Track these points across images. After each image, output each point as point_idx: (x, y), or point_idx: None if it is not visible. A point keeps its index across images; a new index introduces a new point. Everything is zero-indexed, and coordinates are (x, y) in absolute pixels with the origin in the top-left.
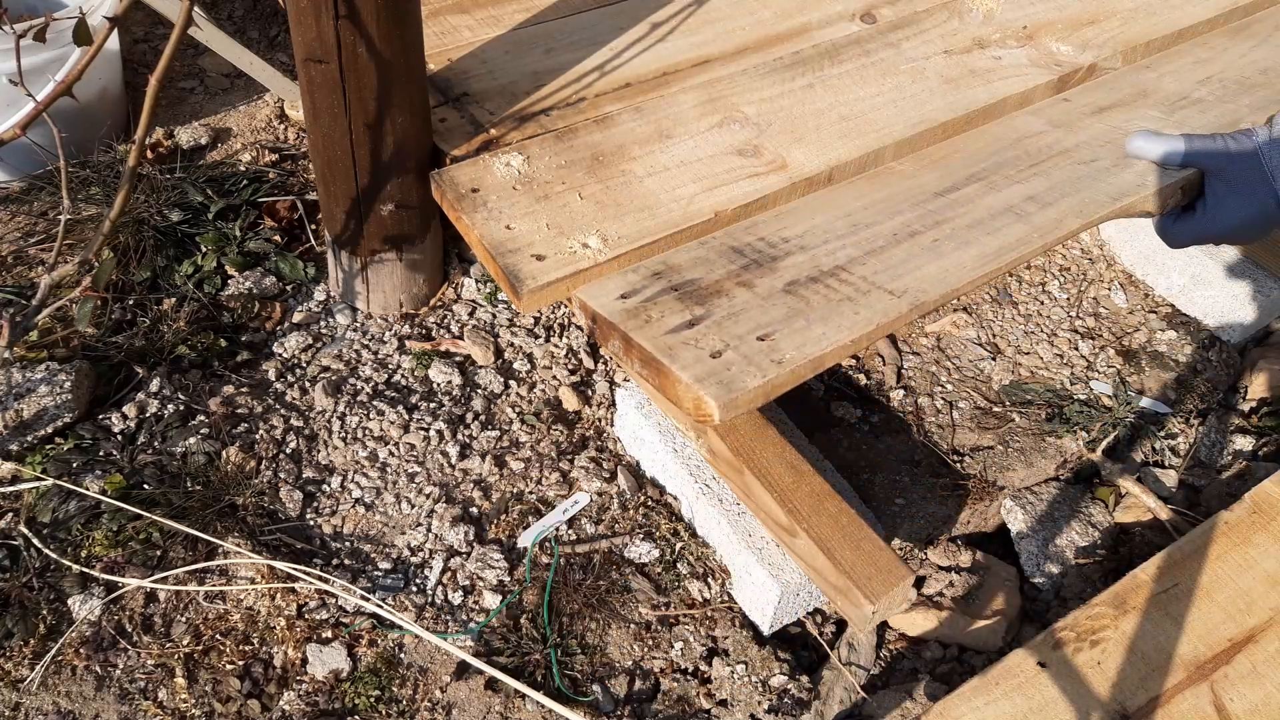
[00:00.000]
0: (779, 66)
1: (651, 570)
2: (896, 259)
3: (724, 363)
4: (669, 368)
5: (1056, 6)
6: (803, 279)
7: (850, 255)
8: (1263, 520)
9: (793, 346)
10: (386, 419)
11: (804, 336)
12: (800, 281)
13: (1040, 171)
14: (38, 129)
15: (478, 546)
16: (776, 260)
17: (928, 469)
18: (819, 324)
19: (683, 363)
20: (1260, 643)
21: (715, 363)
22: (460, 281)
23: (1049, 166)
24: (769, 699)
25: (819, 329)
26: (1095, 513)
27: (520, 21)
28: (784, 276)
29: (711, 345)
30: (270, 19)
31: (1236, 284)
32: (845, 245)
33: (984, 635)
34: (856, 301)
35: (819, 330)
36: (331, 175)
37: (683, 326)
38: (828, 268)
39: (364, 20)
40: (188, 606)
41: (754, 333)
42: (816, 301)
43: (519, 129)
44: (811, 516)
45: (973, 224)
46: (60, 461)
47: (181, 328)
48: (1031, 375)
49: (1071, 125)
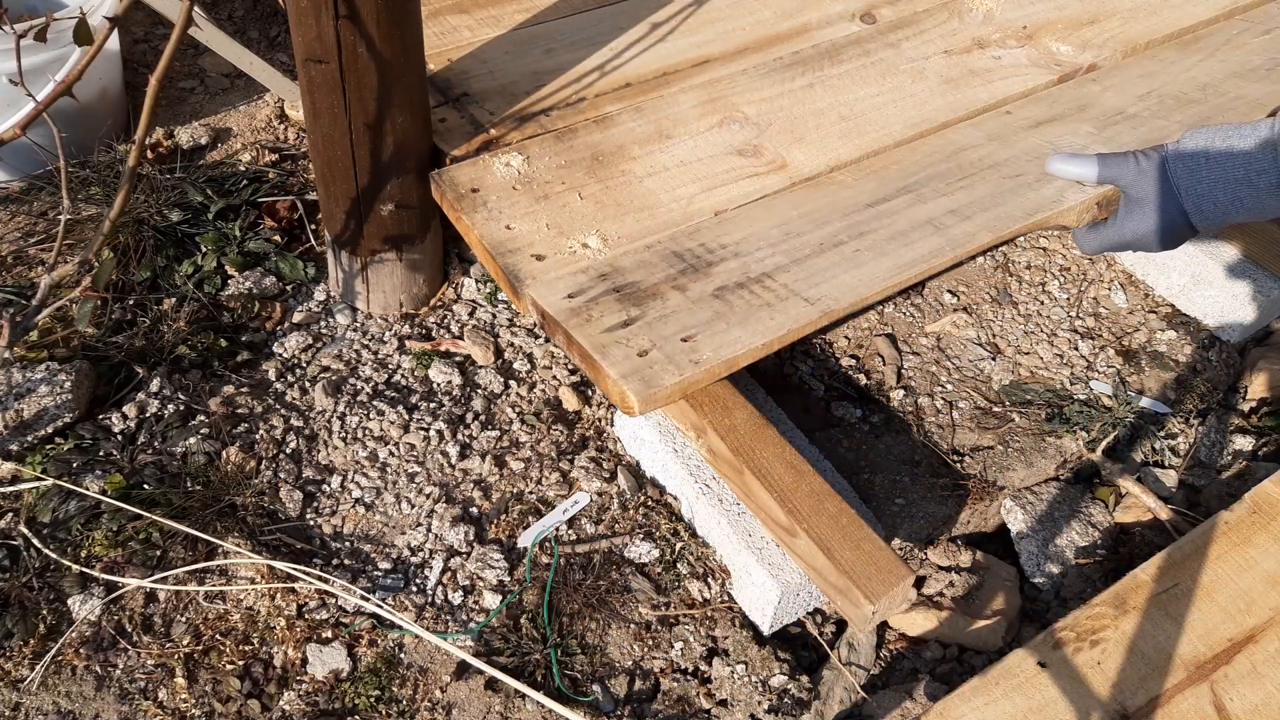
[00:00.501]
0: (779, 66)
1: (651, 570)
2: (818, 268)
3: (648, 361)
4: (600, 364)
5: (1056, 6)
6: (731, 285)
7: (778, 263)
8: (1263, 520)
9: (710, 348)
10: (386, 419)
11: (722, 339)
12: (729, 287)
13: (967, 185)
14: (38, 129)
15: (478, 546)
16: (711, 266)
17: (928, 469)
18: (737, 328)
19: (612, 359)
20: (1260, 643)
21: (640, 360)
22: (460, 281)
23: (976, 180)
24: (769, 699)
25: (736, 332)
26: (1095, 513)
27: (520, 21)
28: (715, 282)
29: (640, 344)
30: (270, 19)
31: (1236, 284)
32: (775, 253)
33: (984, 635)
34: (774, 307)
35: (736, 334)
36: (331, 175)
37: (618, 326)
38: (755, 274)
39: (364, 20)
40: (188, 606)
41: (679, 334)
42: (739, 306)
43: (519, 129)
44: (811, 516)
45: (893, 236)
46: (60, 461)
47: (181, 328)
48: (1031, 375)
49: (1006, 139)
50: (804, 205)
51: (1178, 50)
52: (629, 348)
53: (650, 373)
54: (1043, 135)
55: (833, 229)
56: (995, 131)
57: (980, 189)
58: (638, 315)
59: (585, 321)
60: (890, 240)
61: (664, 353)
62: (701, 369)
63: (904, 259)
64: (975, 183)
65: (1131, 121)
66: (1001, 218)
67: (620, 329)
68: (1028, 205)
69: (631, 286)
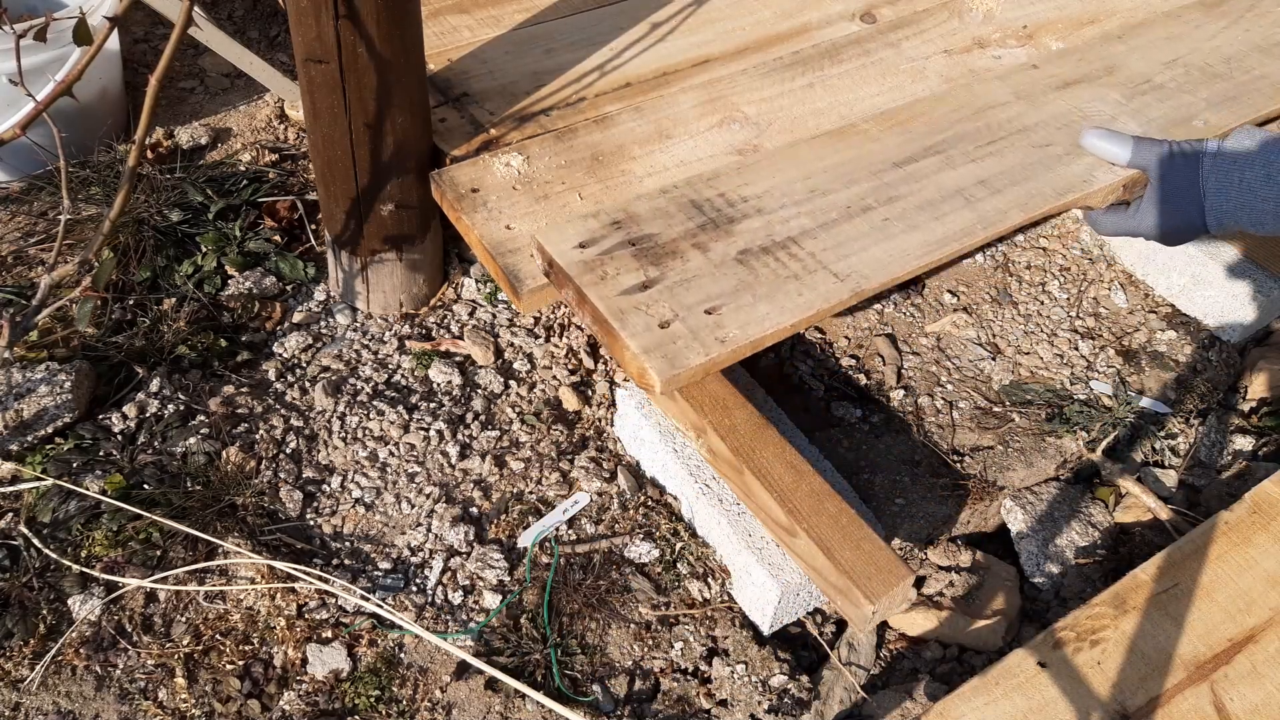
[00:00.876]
0: (779, 66)
1: (651, 570)
2: (846, 236)
3: (671, 334)
4: (619, 333)
5: (1056, 6)
6: (755, 248)
7: (803, 226)
8: (1263, 520)
9: (736, 325)
10: (386, 419)
11: (748, 315)
12: (753, 251)
13: (996, 151)
14: (38, 129)
15: (478, 546)
16: (733, 222)
17: (928, 469)
18: (764, 302)
19: (633, 330)
20: (1260, 643)
21: (663, 334)
22: (460, 281)
23: (1005, 146)
24: (769, 699)
25: (764, 308)
26: (1095, 513)
27: (520, 21)
28: (738, 243)
29: (661, 314)
30: (270, 19)
31: (1237, 284)
32: (800, 214)
33: (984, 635)
34: (802, 280)
35: (763, 309)
36: (331, 175)
37: (636, 289)
38: (780, 238)
39: (364, 20)
40: (188, 606)
41: (703, 304)
42: (765, 275)
43: (519, 129)
44: (811, 516)
45: (922, 205)
46: (60, 461)
47: (181, 328)
48: (1031, 375)
49: (1034, 99)
50: (829, 157)
51: (1203, 12)
52: (650, 316)
53: (674, 349)
54: (1071, 99)
55: (860, 189)
56: (1023, 88)
57: (1010, 157)
58: (657, 277)
59: (600, 280)
60: (920, 210)
61: (688, 326)
62: (728, 348)
63: (935, 235)
64: (1005, 149)
65: (1159, 93)
66: (1033, 194)
67: (639, 292)
68: (1058, 183)
69: (648, 240)
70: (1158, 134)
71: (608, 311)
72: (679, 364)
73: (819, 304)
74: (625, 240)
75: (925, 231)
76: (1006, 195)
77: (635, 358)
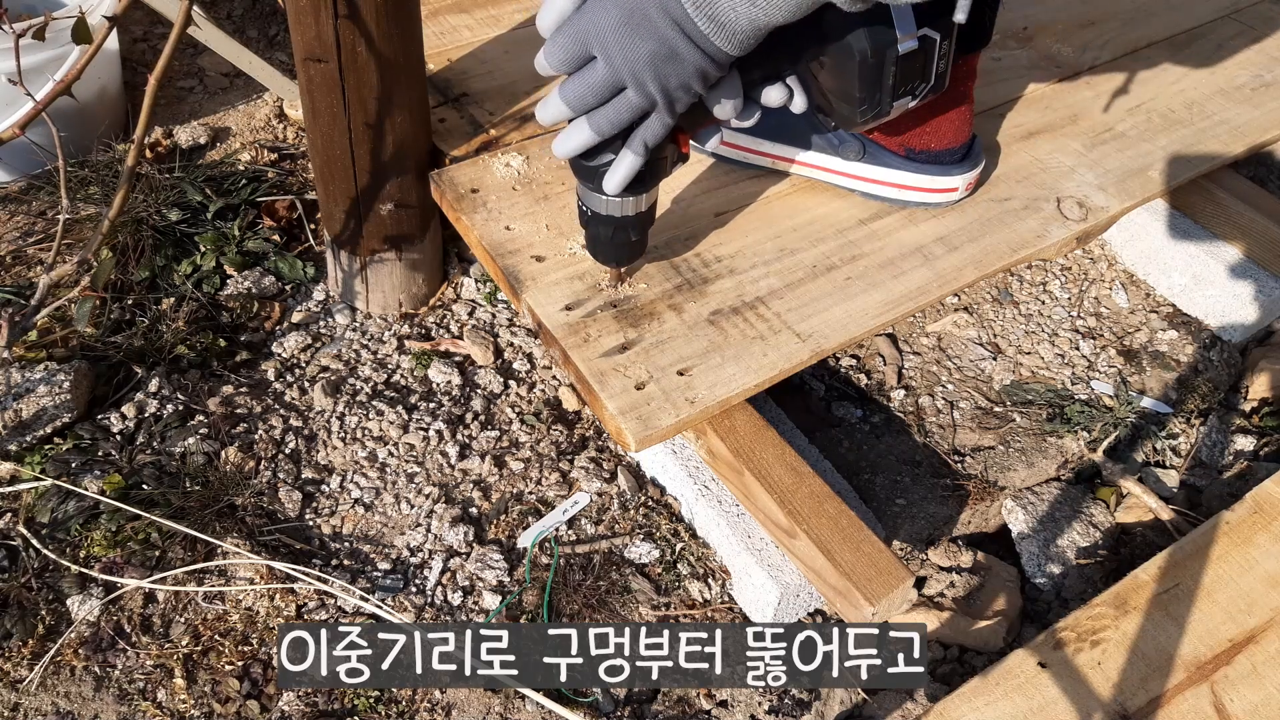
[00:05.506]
0: None
1: (652, 571)
2: (810, 295)
3: (645, 396)
4: (599, 394)
5: (1056, 7)
6: (726, 309)
7: (771, 286)
8: (1264, 520)
9: (705, 385)
10: (386, 419)
11: (716, 376)
12: (724, 311)
13: (957, 208)
14: (37, 128)
15: (477, 547)
16: (707, 283)
17: (928, 469)
18: (732, 363)
19: (610, 391)
20: (1261, 643)
21: (638, 395)
22: (460, 281)
23: (967, 202)
24: (769, 699)
25: (730, 369)
26: (1096, 513)
27: (520, 21)
28: (710, 303)
29: (638, 375)
30: (270, 18)
31: (1238, 284)
32: (769, 274)
33: (985, 636)
34: (767, 341)
35: (730, 370)
36: (331, 175)
37: (616, 350)
38: (750, 298)
39: (364, 19)
40: (186, 607)
41: (675, 365)
42: (734, 336)
43: (519, 129)
44: (811, 518)
45: (884, 263)
46: (59, 462)
47: (180, 327)
48: (1032, 375)
49: (998, 150)
50: (799, 215)
51: (1170, 52)
52: (627, 378)
53: (647, 410)
54: (1032, 150)
55: (826, 248)
56: (987, 138)
57: (970, 212)
58: (635, 339)
59: (583, 342)
60: (881, 269)
61: (661, 387)
62: (697, 409)
63: (893, 293)
64: (966, 205)
65: (1119, 142)
66: (988, 251)
67: (618, 354)
68: (1013, 239)
69: (628, 302)
70: (1113, 186)
71: (589, 374)
72: (651, 425)
73: (781, 364)
74: (608, 302)
75: (884, 290)
76: (963, 252)
77: (612, 418)
